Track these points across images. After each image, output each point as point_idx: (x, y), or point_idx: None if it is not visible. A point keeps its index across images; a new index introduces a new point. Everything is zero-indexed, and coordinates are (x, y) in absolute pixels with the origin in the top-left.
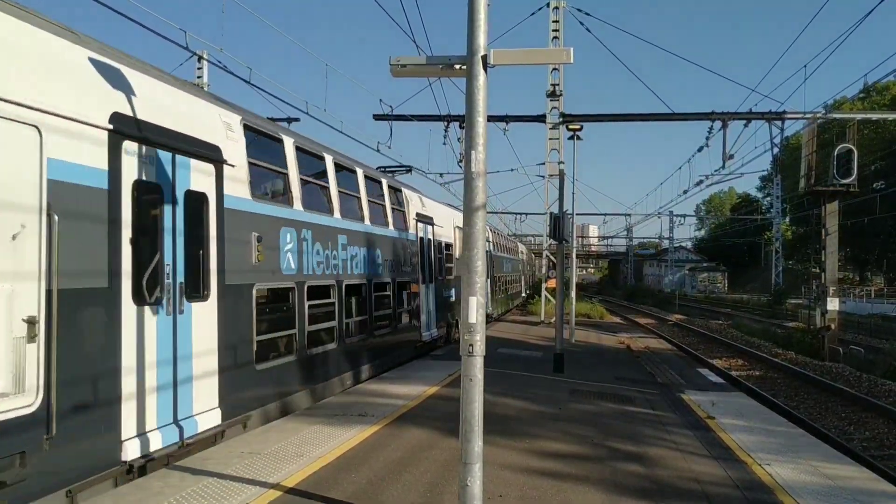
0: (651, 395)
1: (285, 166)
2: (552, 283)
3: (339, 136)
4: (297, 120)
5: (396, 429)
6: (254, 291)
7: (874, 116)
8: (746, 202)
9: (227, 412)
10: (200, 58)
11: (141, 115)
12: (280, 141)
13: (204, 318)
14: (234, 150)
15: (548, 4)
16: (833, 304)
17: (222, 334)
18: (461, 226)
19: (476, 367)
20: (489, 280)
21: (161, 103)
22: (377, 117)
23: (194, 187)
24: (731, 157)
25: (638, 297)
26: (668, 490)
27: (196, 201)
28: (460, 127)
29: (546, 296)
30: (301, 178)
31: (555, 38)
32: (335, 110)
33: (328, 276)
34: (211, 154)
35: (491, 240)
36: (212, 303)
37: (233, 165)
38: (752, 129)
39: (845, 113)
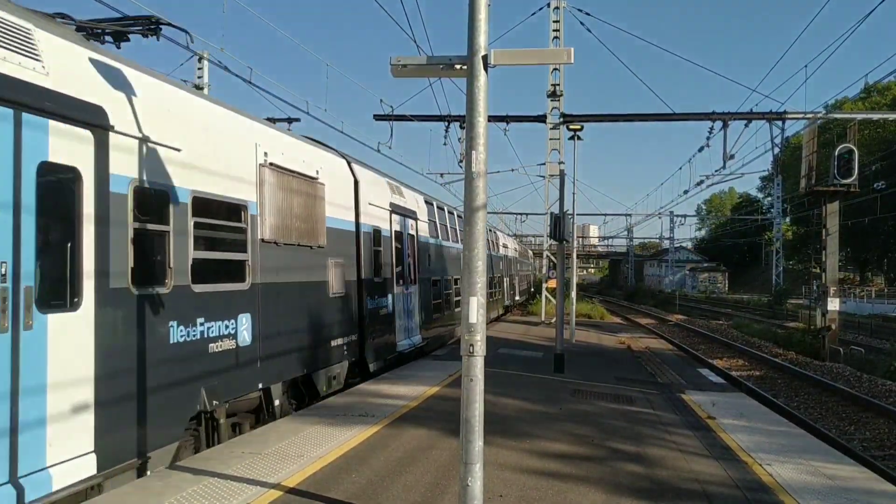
0: (651, 395)
1: None
2: (552, 284)
3: (340, 136)
4: (297, 120)
5: (397, 429)
6: None
7: (875, 116)
8: (747, 202)
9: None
10: (201, 58)
11: None
12: None
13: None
14: None
15: (548, 4)
16: (833, 305)
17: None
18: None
19: (476, 368)
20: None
21: None
22: (378, 117)
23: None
24: (732, 157)
25: (638, 298)
26: (669, 490)
27: None
28: (461, 127)
29: (546, 296)
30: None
31: (555, 38)
32: (336, 110)
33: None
34: None
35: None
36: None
37: None
38: (752, 130)
39: (846, 113)
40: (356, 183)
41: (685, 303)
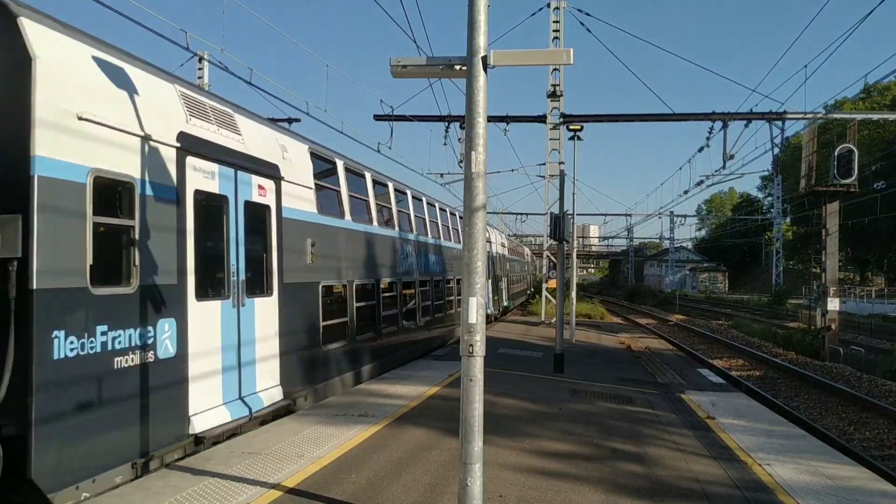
0: (651, 395)
1: None
2: (552, 284)
3: (340, 136)
4: (297, 120)
5: (397, 429)
6: None
7: (874, 116)
8: (747, 202)
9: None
10: (201, 58)
11: None
12: None
13: None
14: None
15: (548, 5)
16: (833, 305)
17: None
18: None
19: (476, 368)
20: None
21: None
22: (378, 118)
23: None
24: (732, 157)
25: (638, 298)
26: (668, 490)
27: None
28: (461, 127)
29: (546, 296)
30: None
31: (555, 38)
32: (336, 111)
33: None
34: None
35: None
36: None
37: None
38: (752, 130)
39: (846, 113)
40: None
41: (685, 303)
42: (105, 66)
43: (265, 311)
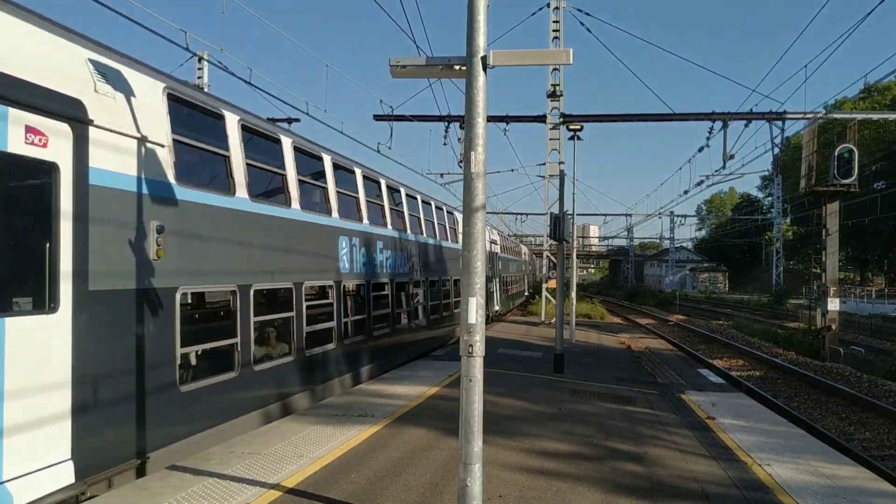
0: (651, 395)
1: None
2: (552, 284)
3: (341, 136)
4: (297, 120)
5: (396, 429)
6: None
7: (874, 116)
8: (747, 202)
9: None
10: (201, 58)
11: None
12: None
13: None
14: None
15: (548, 5)
16: (833, 305)
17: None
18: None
19: (476, 368)
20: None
21: None
22: (377, 118)
23: None
24: (732, 157)
25: (638, 298)
26: (668, 489)
27: None
28: (460, 127)
29: (546, 296)
30: None
31: (555, 38)
32: (336, 111)
33: None
34: None
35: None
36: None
37: None
38: (752, 130)
39: (846, 113)
40: None
41: (685, 303)
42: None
43: (39, 340)
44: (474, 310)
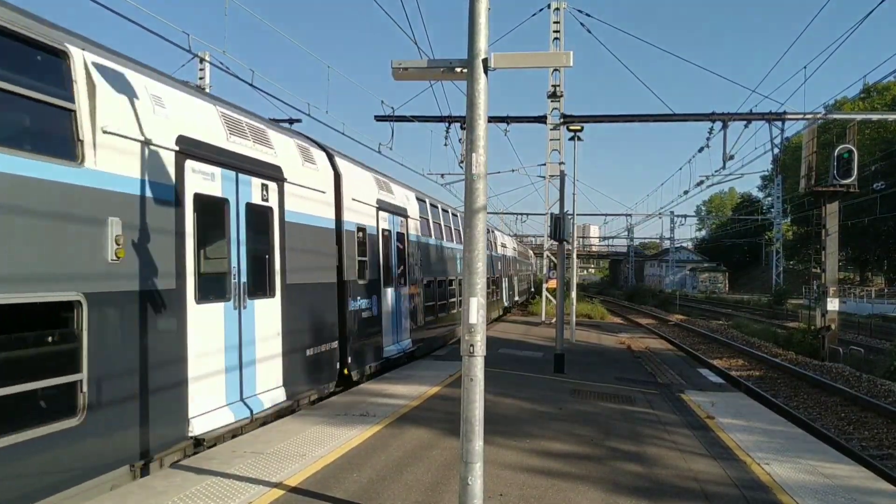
0: (651, 395)
1: None
2: (553, 284)
3: (341, 137)
4: (298, 121)
5: (398, 428)
6: None
7: (874, 117)
8: (748, 202)
9: None
10: (202, 60)
11: None
12: None
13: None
14: None
15: (548, 5)
16: (833, 305)
17: None
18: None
19: (477, 367)
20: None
21: None
22: (378, 118)
23: None
24: (732, 157)
25: (639, 298)
26: (667, 489)
27: None
28: (461, 128)
29: (546, 296)
30: None
31: (556, 39)
32: (337, 111)
33: None
34: None
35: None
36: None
37: None
38: (752, 130)
39: (845, 113)
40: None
41: (685, 303)
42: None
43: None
44: (475, 310)
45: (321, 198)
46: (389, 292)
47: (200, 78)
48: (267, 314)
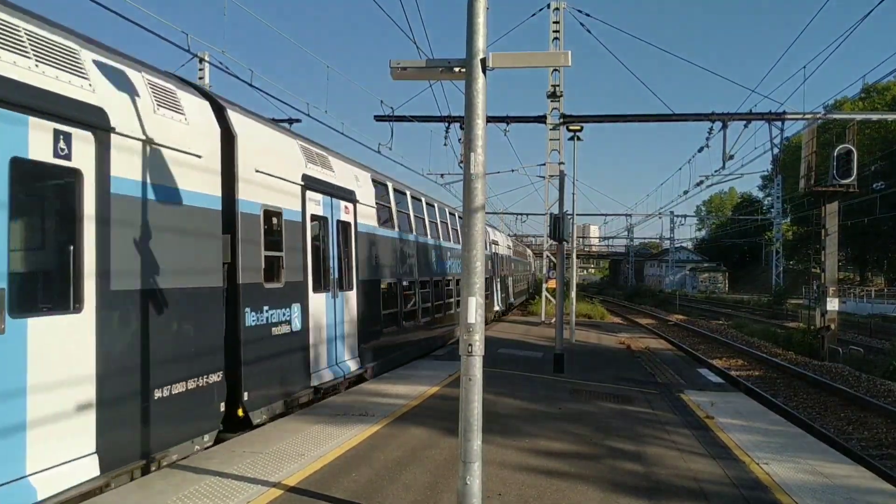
0: (651, 394)
1: None
2: (552, 284)
3: (341, 137)
4: (298, 121)
5: (397, 428)
6: None
7: (874, 117)
8: (747, 202)
9: None
10: (202, 59)
11: None
12: None
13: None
14: None
15: (548, 5)
16: (833, 305)
17: None
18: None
19: (475, 367)
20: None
21: None
22: (378, 118)
23: None
24: (732, 157)
25: (639, 298)
26: (666, 488)
27: None
28: (461, 128)
29: (546, 296)
30: None
31: (555, 39)
32: (336, 111)
33: None
34: None
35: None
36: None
37: None
38: (752, 130)
39: (845, 113)
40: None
41: (685, 303)
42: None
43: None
44: (474, 309)
45: (192, 164)
46: (323, 299)
47: (200, 78)
48: (60, 341)
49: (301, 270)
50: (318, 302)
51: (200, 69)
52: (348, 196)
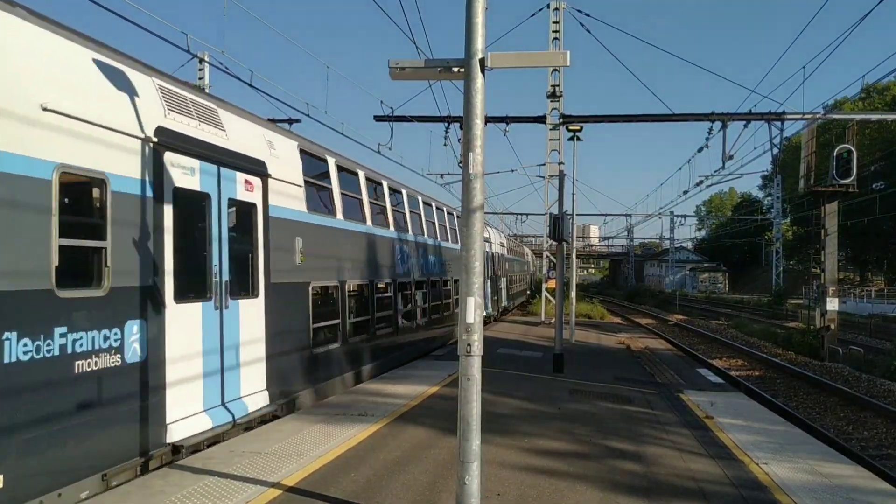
0: (650, 394)
1: None
2: (552, 284)
3: (340, 137)
4: (297, 121)
5: (396, 428)
6: None
7: (874, 117)
8: (747, 202)
9: None
10: (202, 60)
11: None
12: None
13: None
14: None
15: (548, 6)
16: (832, 305)
17: None
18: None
19: (474, 367)
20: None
21: None
22: (378, 118)
23: None
24: (731, 157)
25: (639, 298)
26: (666, 488)
27: None
28: (460, 128)
29: (546, 296)
30: None
31: (555, 39)
32: (336, 112)
33: None
34: None
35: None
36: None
37: None
38: (751, 130)
39: (845, 113)
40: None
41: (685, 303)
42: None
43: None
44: (472, 309)
45: None
46: (196, 311)
47: (200, 78)
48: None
49: (149, 270)
50: (185, 316)
51: (200, 69)
52: (253, 167)
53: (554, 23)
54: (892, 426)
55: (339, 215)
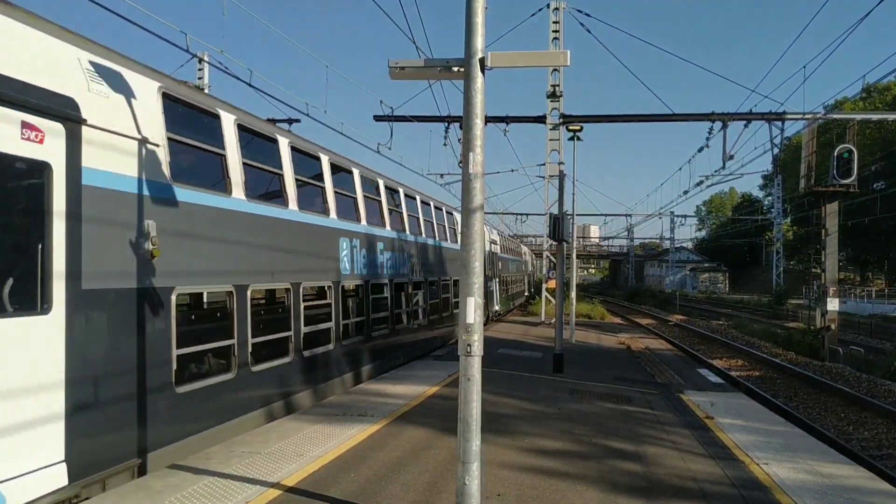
0: (650, 395)
1: None
2: (552, 284)
3: (340, 137)
4: (297, 121)
5: (396, 428)
6: None
7: (874, 117)
8: (748, 202)
9: None
10: (201, 60)
11: None
12: None
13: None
14: None
15: (548, 5)
16: (833, 305)
17: None
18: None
19: (474, 367)
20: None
21: None
22: (378, 118)
23: None
24: (732, 157)
25: (639, 298)
26: (665, 488)
27: None
28: (460, 128)
29: (546, 296)
30: None
31: (555, 38)
32: (336, 112)
33: None
34: None
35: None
36: None
37: None
38: (752, 130)
39: (845, 113)
40: None
41: (685, 303)
42: None
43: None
44: (472, 309)
45: None
46: None
47: (199, 78)
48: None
49: None
50: None
51: (200, 69)
52: (45, 105)
53: (554, 22)
54: (893, 426)
55: (242, 193)
